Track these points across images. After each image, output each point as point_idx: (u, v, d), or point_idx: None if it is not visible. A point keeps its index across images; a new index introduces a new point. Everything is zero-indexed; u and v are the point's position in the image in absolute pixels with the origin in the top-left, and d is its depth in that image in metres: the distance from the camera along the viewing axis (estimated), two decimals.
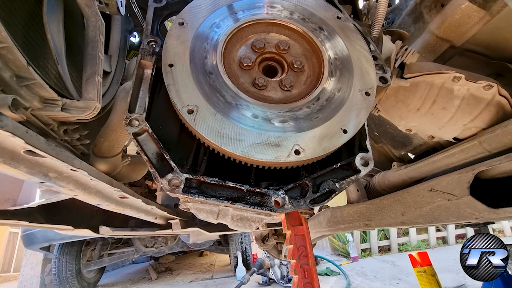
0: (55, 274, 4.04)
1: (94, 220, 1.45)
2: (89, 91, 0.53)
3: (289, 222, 0.60)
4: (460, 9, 0.82)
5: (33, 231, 3.42)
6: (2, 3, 0.45)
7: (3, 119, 0.33)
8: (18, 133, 0.35)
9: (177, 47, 0.56)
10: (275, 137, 0.50)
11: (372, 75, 0.61)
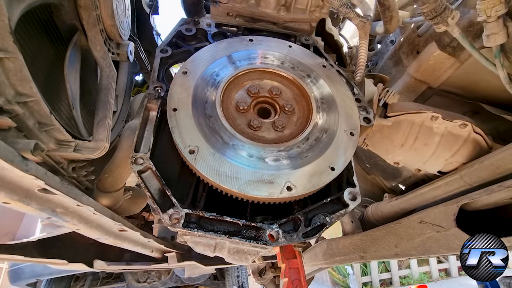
0: None
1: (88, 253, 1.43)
2: (100, 133, 0.58)
3: (283, 255, 0.62)
4: (433, 56, 0.92)
5: (20, 266, 3.27)
6: (30, 59, 0.51)
7: (28, 163, 0.37)
8: (39, 175, 0.40)
9: (181, 94, 0.62)
10: (268, 175, 0.55)
11: (356, 116, 0.68)
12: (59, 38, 0.65)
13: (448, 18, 0.70)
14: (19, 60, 0.38)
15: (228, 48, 0.72)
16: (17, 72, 0.39)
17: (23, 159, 0.37)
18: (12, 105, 0.40)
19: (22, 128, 0.46)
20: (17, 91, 0.40)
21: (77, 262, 1.27)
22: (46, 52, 0.62)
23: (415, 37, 0.99)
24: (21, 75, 0.39)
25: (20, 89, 0.40)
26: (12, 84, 0.40)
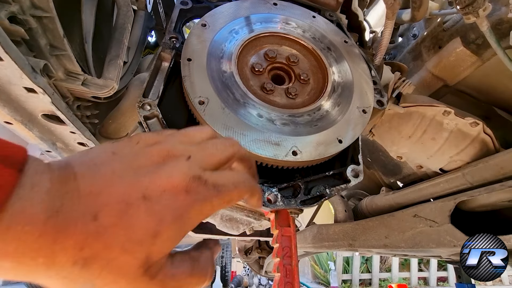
0: None
1: None
2: (110, 71, 0.57)
3: (278, 221, 0.62)
4: (455, 52, 0.90)
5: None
6: None
7: (37, 76, 0.36)
8: (48, 92, 0.39)
9: (197, 45, 0.61)
10: (276, 137, 0.54)
11: (371, 96, 0.67)
12: None
13: (479, 9, 0.67)
14: None
15: (251, 8, 0.70)
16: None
17: (33, 70, 0.36)
18: (26, 16, 0.39)
19: (33, 47, 0.44)
20: (33, 2, 0.39)
21: None
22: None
23: (440, 31, 0.96)
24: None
25: (36, 1, 0.39)
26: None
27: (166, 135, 0.31)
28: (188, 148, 0.29)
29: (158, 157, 0.27)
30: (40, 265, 0.20)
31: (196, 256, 0.30)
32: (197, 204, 0.25)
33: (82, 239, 0.21)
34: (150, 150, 0.28)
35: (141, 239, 0.23)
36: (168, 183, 0.25)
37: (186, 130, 0.33)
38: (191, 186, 0.25)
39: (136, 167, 0.25)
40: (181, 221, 0.24)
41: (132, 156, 0.27)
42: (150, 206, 0.24)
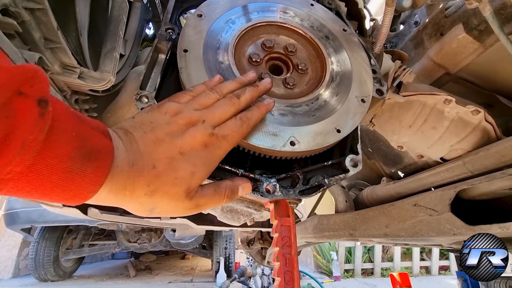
0: (31, 259, 3.94)
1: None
2: (106, 64, 0.57)
3: (277, 212, 0.62)
4: (457, 39, 0.88)
5: (16, 211, 3.37)
6: None
7: None
8: None
9: (193, 36, 0.60)
10: (273, 127, 0.54)
11: (370, 85, 0.66)
12: None
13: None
14: None
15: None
16: None
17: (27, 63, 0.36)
18: (19, 8, 0.38)
19: (27, 40, 0.44)
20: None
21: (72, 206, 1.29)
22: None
23: (442, 17, 0.94)
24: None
25: None
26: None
27: (185, 104, 0.43)
28: (201, 113, 0.42)
29: (183, 124, 0.40)
30: (127, 196, 0.34)
31: (218, 183, 0.45)
32: (215, 151, 0.41)
33: (149, 179, 0.35)
34: (176, 119, 0.40)
35: (184, 177, 0.37)
36: (193, 142, 0.39)
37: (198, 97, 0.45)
38: (207, 141, 0.40)
39: (170, 133, 0.38)
40: (207, 164, 0.41)
41: (165, 125, 0.39)
42: (186, 158, 0.38)
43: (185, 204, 0.39)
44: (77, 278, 4.63)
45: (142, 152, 0.36)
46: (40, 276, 4.03)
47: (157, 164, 0.36)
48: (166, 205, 0.38)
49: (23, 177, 0.26)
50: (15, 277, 4.72)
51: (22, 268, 4.90)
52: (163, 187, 0.36)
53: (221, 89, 0.47)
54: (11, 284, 4.24)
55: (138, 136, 0.37)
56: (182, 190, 0.38)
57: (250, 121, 0.46)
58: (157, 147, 0.37)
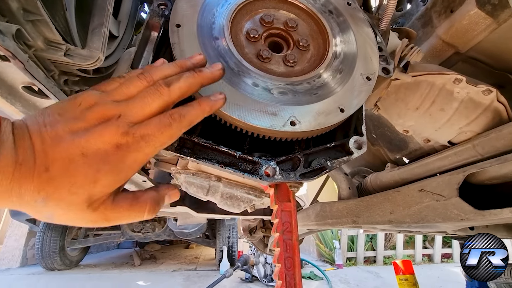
0: (38, 248, 4.01)
1: None
2: (94, 41, 0.53)
3: (277, 197, 0.60)
4: (469, 15, 0.83)
5: None
6: None
7: (5, 39, 0.33)
8: (20, 57, 0.35)
9: (187, 10, 0.56)
10: (272, 106, 0.51)
11: (375, 62, 0.62)
12: None
13: None
14: None
15: None
16: None
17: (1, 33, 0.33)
18: None
19: (4, 11, 0.40)
20: None
21: None
22: None
23: None
24: None
25: None
26: None
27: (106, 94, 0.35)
28: (119, 107, 0.34)
29: (94, 119, 0.32)
30: (14, 201, 0.29)
31: (139, 195, 0.37)
32: (129, 155, 0.33)
33: (38, 184, 0.29)
34: (88, 113, 0.33)
35: (82, 184, 0.31)
36: (100, 142, 0.31)
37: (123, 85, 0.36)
38: (120, 142, 0.32)
39: (75, 130, 0.31)
40: (117, 170, 0.32)
41: (72, 119, 0.32)
42: (87, 161, 0.31)
43: (88, 216, 0.32)
44: (83, 267, 4.72)
45: (36, 151, 0.29)
46: (47, 265, 4.11)
47: (50, 167, 0.29)
48: (63, 215, 0.31)
49: None
50: (23, 266, 4.82)
51: (29, 258, 5.00)
52: (56, 194, 0.30)
53: (151, 74, 0.38)
54: (19, 273, 4.33)
55: (35, 131, 0.30)
56: (81, 199, 0.31)
57: (183, 120, 0.36)
58: (55, 146, 0.30)
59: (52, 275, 4.04)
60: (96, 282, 3.74)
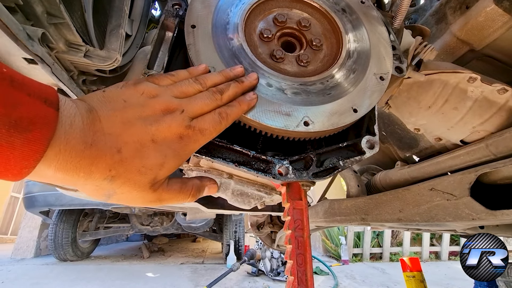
0: (51, 240, 4.14)
1: None
2: (112, 42, 0.55)
3: (289, 195, 0.61)
4: (485, 12, 0.81)
5: (34, 195, 3.50)
6: None
7: (34, 44, 0.35)
8: (47, 61, 0.37)
9: (201, 10, 0.57)
10: (286, 107, 0.51)
11: (389, 61, 0.62)
12: None
13: None
14: None
15: None
16: None
17: (29, 38, 0.34)
18: None
19: (29, 15, 0.42)
20: None
21: None
22: None
23: None
24: None
25: None
26: None
27: (165, 88, 0.40)
28: (182, 103, 0.39)
29: (159, 110, 0.37)
30: (81, 177, 0.31)
31: (186, 181, 0.44)
32: (189, 145, 0.38)
33: (111, 163, 0.32)
34: (153, 103, 0.37)
35: (152, 167, 0.35)
36: (168, 131, 0.36)
37: (179, 84, 0.42)
38: (183, 133, 0.38)
39: (144, 117, 0.35)
40: (178, 156, 0.38)
41: (139, 107, 0.36)
42: (157, 147, 0.35)
43: (147, 196, 0.36)
44: (94, 258, 4.85)
45: (106, 133, 0.32)
46: (59, 256, 4.24)
47: (123, 149, 0.33)
48: (126, 193, 0.35)
49: None
50: (37, 257, 4.99)
51: (43, 248, 5.16)
52: (127, 174, 0.33)
53: (205, 81, 0.44)
54: (34, 263, 4.48)
55: (105, 115, 0.33)
56: (147, 180, 0.35)
57: (229, 118, 0.44)
58: (126, 130, 0.34)
59: (64, 266, 4.17)
60: (107, 272, 3.85)
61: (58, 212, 4.09)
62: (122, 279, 3.52)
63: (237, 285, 3.41)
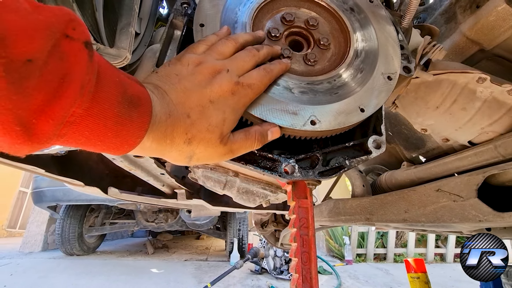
0: (58, 234, 4.21)
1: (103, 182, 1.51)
2: (122, 40, 0.55)
3: (295, 193, 0.61)
4: (496, 11, 0.80)
5: (42, 190, 3.57)
6: None
7: None
8: None
9: (210, 9, 0.57)
10: (293, 106, 0.51)
11: (397, 61, 0.61)
12: None
13: None
14: None
15: None
16: None
17: None
18: None
19: None
20: None
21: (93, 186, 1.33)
22: None
23: None
24: None
25: None
26: None
27: (205, 54, 0.44)
28: (225, 63, 0.44)
29: (208, 74, 0.41)
30: (168, 144, 0.37)
31: (248, 129, 0.47)
32: (242, 99, 0.43)
33: (185, 127, 0.37)
34: (201, 69, 0.41)
35: (216, 124, 0.40)
36: (221, 90, 0.41)
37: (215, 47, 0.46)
38: (234, 89, 0.42)
39: (197, 83, 0.40)
40: (235, 111, 0.42)
41: (191, 75, 0.41)
42: (216, 105, 0.40)
43: (220, 150, 0.41)
44: (100, 253, 4.92)
45: (175, 104, 0.37)
46: (66, 250, 4.32)
47: (191, 113, 0.38)
48: (203, 151, 0.40)
49: (83, 120, 0.27)
50: (44, 251, 5.08)
51: (50, 243, 5.26)
52: (199, 134, 0.38)
53: (236, 37, 0.49)
54: (41, 257, 4.57)
55: (168, 89, 0.38)
56: (216, 136, 0.40)
57: (273, 73, 0.48)
58: (188, 97, 0.38)
59: (71, 260, 4.25)
60: (112, 267, 3.90)
61: (65, 207, 4.16)
62: (127, 274, 3.56)
63: (240, 283, 3.43)
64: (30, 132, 0.22)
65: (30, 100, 0.22)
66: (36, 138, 0.23)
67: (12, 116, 0.21)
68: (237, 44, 0.48)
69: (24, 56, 0.21)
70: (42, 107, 0.23)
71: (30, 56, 0.21)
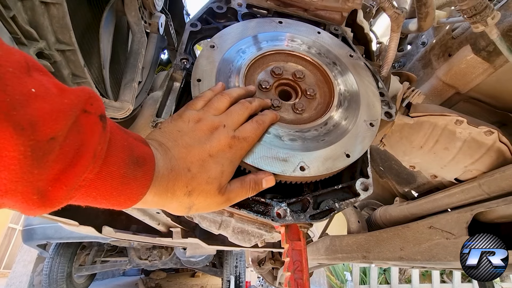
0: (46, 275, 3.97)
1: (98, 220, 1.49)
2: (126, 94, 0.61)
3: (288, 236, 0.63)
4: (466, 60, 0.89)
5: (33, 227, 3.45)
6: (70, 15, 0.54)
7: None
8: None
9: (206, 66, 0.64)
10: (283, 153, 0.55)
11: (378, 108, 0.67)
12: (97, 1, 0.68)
13: (488, 18, 0.67)
14: (63, 7, 0.41)
15: (257, 27, 0.72)
16: (59, 20, 0.41)
17: None
18: (52, 51, 0.43)
19: (57, 77, 0.48)
20: (58, 38, 0.43)
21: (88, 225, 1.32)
22: (83, 13, 0.65)
23: (449, 39, 0.95)
24: (63, 22, 0.41)
25: (60, 36, 0.43)
26: (54, 31, 0.42)
27: (203, 111, 0.49)
28: (221, 119, 0.48)
29: (207, 130, 0.46)
30: (168, 197, 0.39)
31: (243, 178, 0.49)
32: (238, 152, 0.47)
33: (186, 181, 0.40)
34: (200, 126, 0.46)
35: (215, 176, 0.43)
36: (219, 145, 0.45)
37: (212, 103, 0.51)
38: (231, 143, 0.46)
39: (198, 139, 0.44)
40: (232, 163, 0.46)
41: (191, 132, 0.45)
42: (215, 159, 0.44)
43: (218, 199, 0.44)
44: None
45: (177, 159, 0.41)
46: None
47: (191, 167, 0.41)
48: (202, 202, 0.43)
49: (92, 183, 0.30)
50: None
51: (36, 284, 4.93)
52: (199, 186, 0.41)
53: (231, 93, 0.53)
54: None
55: (171, 145, 0.42)
56: (215, 187, 0.43)
57: (265, 124, 0.53)
58: (189, 152, 0.42)
59: None
60: None
61: (55, 245, 3.98)
62: None
63: None
64: (45, 198, 0.25)
65: (49, 171, 0.25)
66: (49, 203, 0.26)
67: (31, 187, 0.24)
68: (231, 98, 0.53)
69: (48, 136, 0.24)
70: (58, 176, 0.26)
71: (54, 134, 0.24)
